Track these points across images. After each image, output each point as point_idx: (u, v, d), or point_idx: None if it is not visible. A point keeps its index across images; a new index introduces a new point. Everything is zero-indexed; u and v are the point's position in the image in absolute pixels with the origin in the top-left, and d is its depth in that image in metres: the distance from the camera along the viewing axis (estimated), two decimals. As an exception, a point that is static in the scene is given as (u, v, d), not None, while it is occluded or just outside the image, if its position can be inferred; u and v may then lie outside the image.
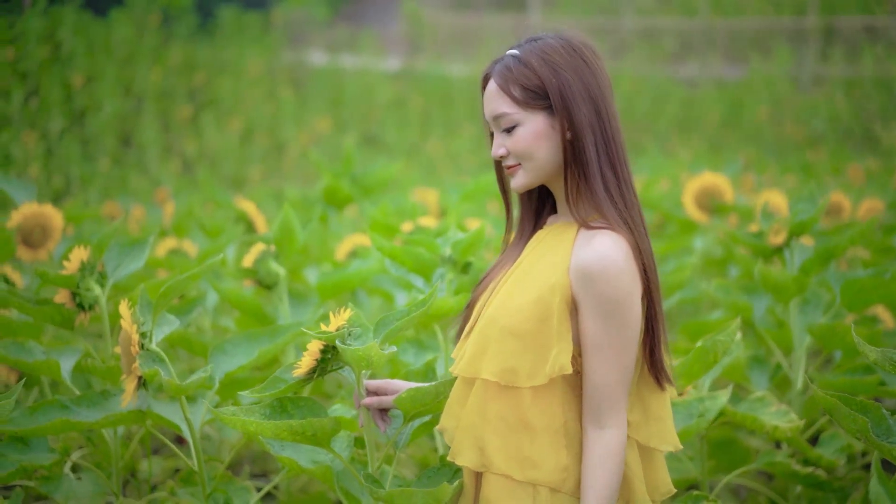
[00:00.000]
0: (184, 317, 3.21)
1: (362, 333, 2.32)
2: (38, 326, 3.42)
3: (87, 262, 3.11)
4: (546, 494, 2.14)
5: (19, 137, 11.94)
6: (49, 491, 3.21)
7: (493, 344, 2.17)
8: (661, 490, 2.24)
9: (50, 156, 12.19)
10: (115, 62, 13.81)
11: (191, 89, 14.68)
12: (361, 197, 5.12)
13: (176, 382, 2.49)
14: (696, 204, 5.01)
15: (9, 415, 2.64)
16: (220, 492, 2.80)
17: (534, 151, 2.19)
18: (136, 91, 13.81)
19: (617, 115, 2.21)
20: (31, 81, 12.96)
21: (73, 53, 13.51)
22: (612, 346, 2.09)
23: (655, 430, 2.21)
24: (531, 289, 2.16)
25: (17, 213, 3.93)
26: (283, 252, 3.50)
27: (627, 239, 2.12)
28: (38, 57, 13.06)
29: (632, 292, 2.10)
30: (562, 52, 2.18)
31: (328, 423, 2.33)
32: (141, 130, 13.06)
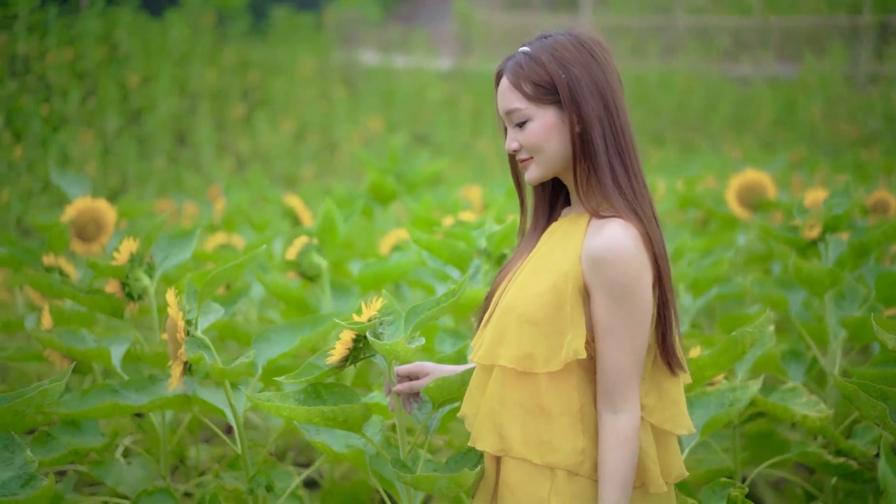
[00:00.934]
0: (229, 307, 3.31)
1: (394, 321, 2.40)
2: (91, 316, 3.54)
3: (136, 253, 3.22)
4: (563, 477, 2.21)
5: (77, 136, 12.16)
6: (100, 475, 3.33)
7: (511, 332, 2.24)
8: (674, 473, 2.30)
9: (107, 154, 12.40)
10: (171, 62, 14.01)
11: (244, 89, 14.85)
12: (406, 193, 5.21)
13: (220, 367, 2.59)
14: (739, 200, 5.05)
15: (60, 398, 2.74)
16: (263, 475, 2.89)
17: (545, 145, 2.26)
18: (190, 90, 13.99)
19: (626, 109, 2.27)
20: (88, 81, 13.19)
21: (129, 54, 13.73)
22: (623, 331, 2.15)
23: (670, 413, 2.26)
24: (546, 277, 2.23)
25: (72, 207, 4.05)
26: (325, 245, 3.59)
27: (637, 227, 2.18)
28: (95, 57, 13.29)
29: (641, 278, 2.16)
30: (571, 49, 2.24)
31: (359, 409, 2.41)
32: (195, 129, 13.23)
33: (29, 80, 12.72)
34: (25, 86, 12.59)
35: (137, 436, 3.75)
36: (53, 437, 3.11)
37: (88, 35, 13.40)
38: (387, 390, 2.47)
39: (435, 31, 18.65)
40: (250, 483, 2.89)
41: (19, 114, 11.84)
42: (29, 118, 11.76)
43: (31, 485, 2.30)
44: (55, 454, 3.04)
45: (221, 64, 14.61)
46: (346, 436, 2.63)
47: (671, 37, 18.81)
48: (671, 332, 2.24)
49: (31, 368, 4.45)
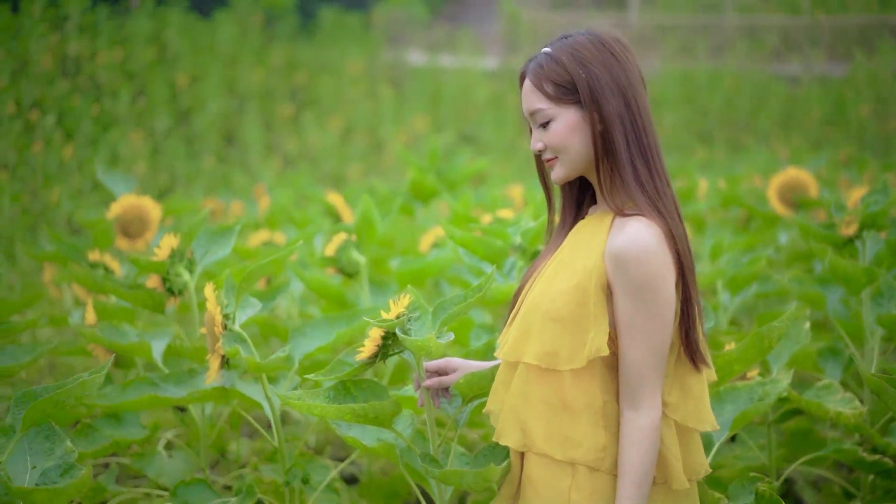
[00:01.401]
0: (269, 302, 3.35)
1: (421, 316, 2.43)
2: (133, 311, 3.60)
3: (177, 249, 3.28)
4: (584, 473, 2.23)
5: (127, 136, 12.30)
6: (142, 467, 3.40)
7: (535, 329, 2.26)
8: (696, 470, 2.31)
9: (156, 154, 12.54)
10: (219, 62, 14.14)
11: (292, 89, 14.95)
12: (447, 191, 5.24)
13: (255, 360, 2.64)
14: (781, 199, 5.04)
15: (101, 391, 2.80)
16: (299, 467, 2.94)
17: (568, 144, 2.27)
18: (239, 90, 14.11)
19: (648, 107, 2.29)
20: (138, 81, 13.34)
21: (178, 54, 13.88)
22: (644, 328, 2.17)
23: (693, 410, 2.27)
24: (570, 275, 2.25)
25: (117, 204, 4.12)
26: (363, 241, 3.63)
27: (660, 224, 2.20)
28: (145, 58, 13.44)
29: (663, 275, 2.17)
30: (590, 48, 2.26)
31: (389, 406, 2.44)
32: (244, 129, 13.34)
33: (80, 80, 12.89)
34: (76, 86, 12.76)
35: (179, 430, 3.81)
36: (95, 429, 3.18)
37: (138, 35, 13.55)
38: (416, 385, 2.50)
39: (481, 31, 18.67)
40: (287, 475, 2.94)
41: (70, 113, 12.00)
42: (79, 118, 11.93)
43: (71, 473, 2.35)
44: (97, 446, 3.11)
45: (269, 64, 14.72)
46: (377, 430, 2.66)
47: (719, 36, 18.70)
48: (695, 328, 2.25)
49: (78, 363, 4.53)
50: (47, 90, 12.10)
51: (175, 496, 2.81)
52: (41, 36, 12.49)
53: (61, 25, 13.17)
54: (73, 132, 11.87)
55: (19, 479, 2.38)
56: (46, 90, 12.09)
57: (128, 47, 13.44)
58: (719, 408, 2.88)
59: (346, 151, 13.57)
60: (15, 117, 11.37)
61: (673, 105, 15.63)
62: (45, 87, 12.10)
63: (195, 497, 2.82)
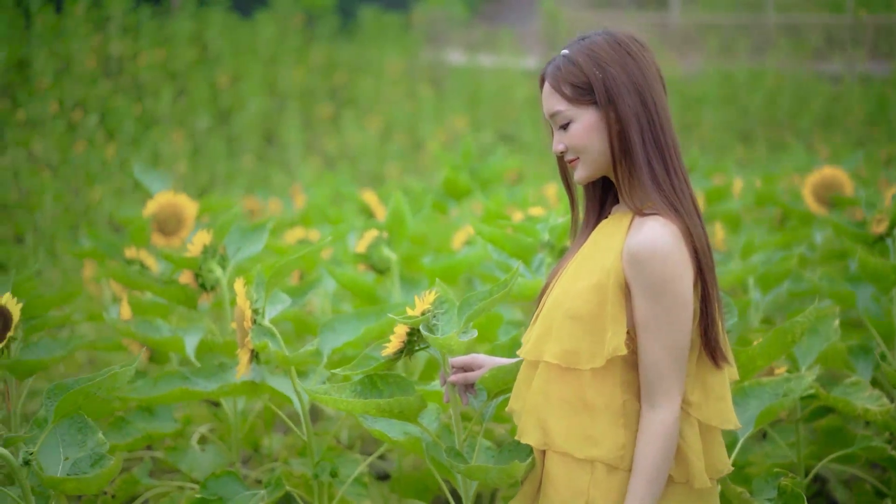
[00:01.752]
0: (299, 298, 3.38)
1: (448, 311, 2.45)
2: (167, 307, 3.66)
3: (210, 245, 3.32)
4: (603, 471, 2.24)
5: (168, 135, 12.41)
6: (175, 460, 3.44)
7: (556, 327, 2.28)
8: (718, 468, 2.32)
9: (196, 153, 12.64)
10: (260, 62, 14.24)
11: (332, 88, 15.03)
12: (480, 189, 5.27)
13: (282, 354, 2.67)
14: (815, 197, 5.02)
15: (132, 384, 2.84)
16: (328, 460, 2.97)
17: (588, 145, 2.29)
18: (279, 90, 14.21)
19: (666, 106, 2.29)
20: (179, 81, 13.46)
21: (219, 54, 13.99)
22: (662, 326, 2.18)
23: (715, 409, 2.28)
24: (590, 274, 2.26)
25: (153, 202, 4.17)
26: (394, 238, 3.66)
27: (677, 223, 2.21)
28: (186, 58, 13.56)
29: (680, 274, 2.18)
30: (607, 48, 2.28)
31: (414, 401, 2.46)
32: (283, 128, 13.42)
33: (122, 80, 13.02)
34: (119, 86, 12.90)
35: (213, 424, 3.85)
36: (128, 422, 3.24)
37: (180, 36, 13.67)
38: (442, 381, 2.52)
39: (521, 30, 18.68)
40: (316, 469, 2.97)
41: (112, 113, 12.13)
42: (122, 118, 12.05)
43: (100, 464, 2.40)
44: (129, 438, 3.17)
45: (309, 64, 14.80)
46: (403, 424, 2.68)
47: (761, 34, 18.60)
48: (714, 326, 2.26)
49: (116, 358, 4.59)
50: (90, 90, 12.24)
51: (205, 488, 2.84)
52: (84, 37, 12.64)
53: (104, 26, 13.32)
54: (115, 132, 12.00)
55: (52, 470, 2.42)
56: (89, 90, 12.23)
57: (169, 47, 13.57)
58: (744, 403, 2.89)
59: (384, 151, 13.61)
60: (58, 117, 11.52)
61: (713, 104, 15.57)
62: (87, 88, 12.25)
63: (225, 489, 2.85)
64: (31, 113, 11.27)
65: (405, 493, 3.72)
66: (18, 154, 10.56)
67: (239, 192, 11.25)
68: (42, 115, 11.28)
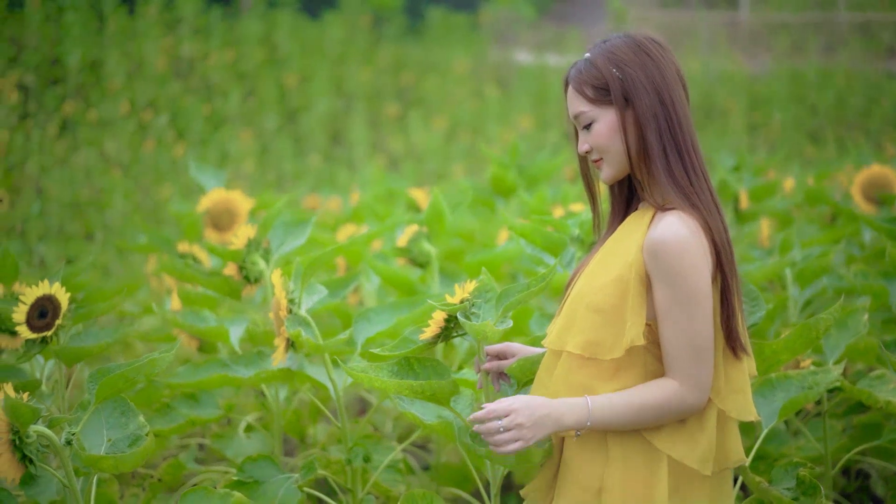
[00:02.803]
0: (340, 291, 3.49)
1: (489, 299, 2.54)
2: (215, 299, 3.78)
3: (254, 239, 3.44)
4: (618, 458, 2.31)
5: (236, 135, 12.63)
6: (221, 447, 3.58)
7: (579, 319, 2.36)
8: (731, 458, 2.37)
9: (264, 152, 12.84)
10: (328, 62, 14.42)
11: (399, 88, 15.17)
12: (527, 187, 5.35)
13: (314, 341, 2.78)
14: (863, 195, 5.02)
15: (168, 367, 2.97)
16: (360, 446, 3.07)
17: (610, 144, 2.37)
18: (346, 90, 14.37)
19: (685, 104, 2.36)
20: (248, 82, 13.68)
21: (288, 55, 14.19)
22: (679, 317, 2.25)
23: (733, 400, 2.34)
24: (612, 268, 2.34)
25: (206, 198, 4.30)
26: (433, 232, 3.76)
27: (696, 218, 2.28)
28: (255, 58, 13.78)
29: (697, 266, 2.25)
30: (626, 50, 2.36)
31: (447, 385, 2.55)
32: (350, 128, 13.57)
33: (192, 80, 13.27)
34: (189, 86, 13.14)
35: (261, 414, 3.98)
36: (174, 408, 3.37)
37: (249, 37, 13.90)
38: (476, 368, 2.61)
39: (589, 30, 18.66)
40: (349, 454, 3.07)
41: (182, 113, 12.38)
42: (191, 118, 12.29)
43: (137, 444, 2.52)
44: (174, 424, 3.30)
45: (377, 64, 14.96)
46: (437, 408, 2.76)
47: (831, 33, 18.42)
48: (734, 318, 2.32)
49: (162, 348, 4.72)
50: (161, 91, 12.50)
51: (242, 471, 2.96)
52: (156, 38, 12.90)
53: (176, 27, 13.58)
54: (185, 131, 12.24)
55: (94, 450, 2.56)
56: (160, 91, 12.49)
57: (239, 48, 13.79)
58: (771, 395, 2.94)
59: (450, 150, 13.72)
60: (129, 117, 11.78)
61: (782, 104, 15.46)
62: (158, 88, 12.51)
63: (261, 472, 2.97)
64: (104, 113, 11.54)
65: (445, 481, 3.82)
66: (90, 153, 10.83)
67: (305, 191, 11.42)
68: (114, 116, 11.55)
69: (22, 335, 2.91)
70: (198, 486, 2.59)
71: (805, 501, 2.62)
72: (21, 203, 9.37)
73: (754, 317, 2.86)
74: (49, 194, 9.62)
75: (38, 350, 2.96)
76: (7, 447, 2.42)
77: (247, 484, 2.94)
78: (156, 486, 3.46)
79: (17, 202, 9.43)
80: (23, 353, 2.99)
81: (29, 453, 2.44)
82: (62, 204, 9.52)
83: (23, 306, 2.91)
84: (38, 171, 10.07)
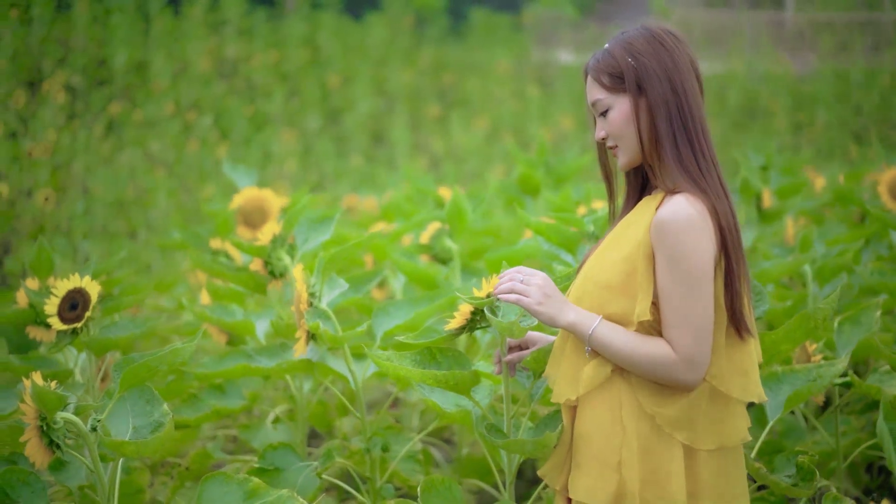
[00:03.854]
0: (363, 286, 3.58)
1: None
2: (243, 294, 3.89)
3: (279, 235, 3.54)
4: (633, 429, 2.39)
5: (279, 135, 12.77)
6: (248, 438, 3.69)
7: (588, 296, 2.45)
8: (733, 437, 2.44)
9: (307, 152, 12.97)
10: (370, 63, 14.53)
11: (440, 89, 15.26)
12: (554, 185, 5.42)
13: (331, 333, 2.87)
14: (890, 194, 5.04)
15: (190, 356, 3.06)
16: (379, 435, 3.17)
17: (624, 130, 2.46)
18: (388, 91, 14.48)
19: (696, 93, 2.44)
20: (291, 82, 13.82)
21: (330, 55, 14.31)
22: (678, 294, 2.33)
23: (736, 382, 2.41)
24: (622, 247, 2.44)
25: (239, 196, 4.41)
26: (454, 229, 3.85)
27: (704, 202, 2.36)
28: (298, 59, 13.92)
29: (699, 246, 2.33)
30: (641, 40, 2.45)
31: (469, 375, 2.64)
32: (391, 129, 13.66)
33: (236, 81, 13.43)
34: (233, 87, 13.31)
35: (290, 406, 4.08)
36: (201, 399, 3.49)
37: (293, 38, 14.03)
38: (496, 359, 2.70)
39: (633, 30, 18.62)
40: (367, 443, 3.17)
41: (226, 114, 12.53)
42: (234, 118, 12.44)
43: (159, 430, 2.63)
44: (200, 413, 3.41)
45: (419, 65, 15.05)
46: (456, 397, 2.85)
47: (877, 33, 18.30)
48: (738, 300, 2.39)
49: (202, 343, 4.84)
50: (205, 91, 12.66)
51: (263, 459, 3.07)
52: (201, 39, 13.07)
53: (220, 29, 13.75)
54: (228, 132, 12.39)
55: (120, 437, 2.66)
56: (204, 91, 12.65)
57: (282, 49, 13.94)
58: (777, 387, 3.01)
59: (490, 151, 13.79)
60: (174, 117, 11.95)
61: (827, 103, 15.39)
62: (203, 89, 12.67)
63: (281, 460, 3.07)
64: (149, 113, 11.71)
65: (467, 473, 3.90)
66: (135, 153, 11.00)
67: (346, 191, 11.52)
68: (158, 116, 11.71)
69: (53, 326, 3.03)
70: (218, 472, 2.68)
71: (803, 486, 2.69)
72: (67, 202, 9.53)
73: (758, 310, 2.91)
74: (94, 193, 9.78)
75: (69, 341, 3.08)
76: (35, 433, 2.53)
77: (268, 471, 3.05)
78: (184, 475, 3.57)
79: (63, 201, 9.60)
80: (54, 344, 3.11)
81: (56, 439, 2.54)
82: (107, 203, 9.67)
83: (54, 299, 3.03)
84: (83, 170, 10.24)
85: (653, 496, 2.37)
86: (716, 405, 2.42)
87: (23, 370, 3.25)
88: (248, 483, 2.66)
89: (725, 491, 2.41)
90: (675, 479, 2.36)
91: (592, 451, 2.44)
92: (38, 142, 9.86)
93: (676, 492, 2.36)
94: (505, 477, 2.82)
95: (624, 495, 2.38)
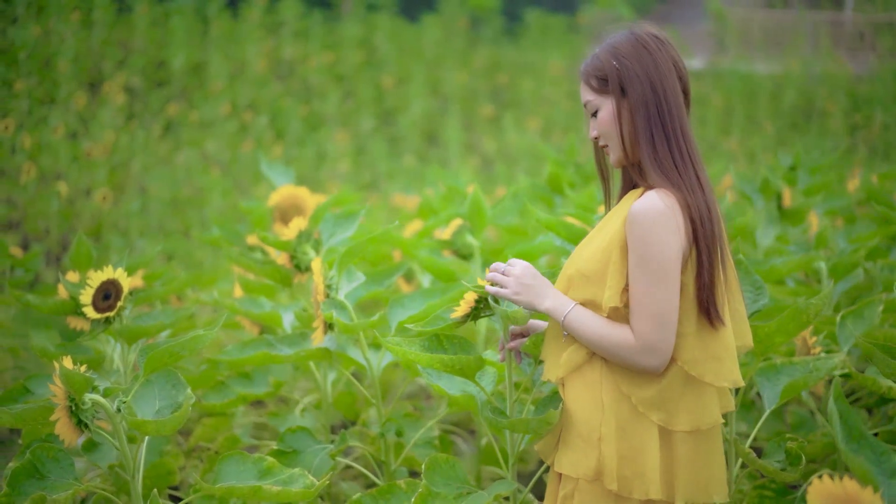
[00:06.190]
0: (385, 280, 3.73)
1: None
2: (274, 287, 4.07)
3: (305, 230, 3.70)
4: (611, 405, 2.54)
5: (333, 135, 12.97)
6: (276, 424, 3.86)
7: (572, 284, 2.61)
8: (706, 420, 2.56)
9: (360, 152, 13.16)
10: (424, 64, 14.69)
11: (494, 90, 15.39)
12: (584, 184, 5.54)
13: (345, 322, 3.03)
14: (914, 193, 5.12)
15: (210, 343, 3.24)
16: (393, 421, 3.32)
17: (611, 130, 2.60)
18: (442, 92, 14.63)
19: (677, 93, 2.57)
20: (346, 83, 14.03)
21: (385, 57, 14.50)
22: (643, 283, 2.46)
23: (710, 368, 2.52)
24: (601, 238, 2.58)
25: (275, 193, 4.59)
26: (473, 226, 3.99)
27: (676, 196, 2.49)
28: (354, 61, 14.12)
29: (665, 238, 2.46)
30: (626, 44, 2.59)
31: (474, 360, 2.79)
32: (445, 129, 13.80)
33: (292, 82, 13.66)
34: (288, 88, 13.54)
35: (317, 395, 4.25)
36: (228, 385, 3.68)
37: (349, 40, 14.24)
38: (500, 346, 2.84)
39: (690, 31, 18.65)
40: (382, 428, 3.32)
41: (281, 114, 12.76)
42: (290, 118, 12.66)
43: (178, 410, 2.80)
44: (226, 399, 3.59)
45: (473, 66, 15.19)
46: (462, 382, 3.00)
47: (938, 32, 18.13)
48: (708, 290, 2.49)
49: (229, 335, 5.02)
50: (261, 92, 12.90)
51: (282, 441, 3.23)
52: (258, 41, 13.32)
53: (277, 31, 13.99)
54: (283, 132, 12.62)
55: (145, 417, 2.84)
56: (260, 92, 12.90)
57: (338, 51, 14.15)
58: (775, 379, 3.12)
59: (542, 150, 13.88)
60: (230, 118, 12.20)
61: (884, 104, 15.30)
62: (259, 90, 12.92)
63: (299, 443, 3.24)
64: (205, 114, 11.97)
65: (486, 461, 4.05)
66: (192, 153, 11.26)
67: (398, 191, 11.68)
68: (215, 117, 11.97)
69: (88, 315, 3.22)
70: (235, 451, 2.86)
71: (791, 470, 2.81)
72: (124, 200, 9.80)
73: (758, 304, 3.02)
74: (151, 192, 10.04)
75: (102, 329, 3.27)
76: (65, 412, 2.71)
77: (286, 453, 3.21)
78: (213, 458, 3.75)
79: (120, 200, 9.87)
80: (89, 332, 3.30)
81: (84, 418, 2.73)
82: (163, 202, 9.91)
83: (89, 289, 3.22)
84: (141, 170, 10.51)
85: (629, 472, 2.51)
86: (690, 389, 2.54)
87: (57, 356, 3.44)
88: (263, 462, 2.84)
89: (701, 471, 2.54)
90: (650, 457, 2.50)
91: (576, 428, 2.58)
92: (97, 142, 10.15)
93: (651, 469, 2.49)
94: (509, 458, 2.96)
95: (603, 470, 2.52)
